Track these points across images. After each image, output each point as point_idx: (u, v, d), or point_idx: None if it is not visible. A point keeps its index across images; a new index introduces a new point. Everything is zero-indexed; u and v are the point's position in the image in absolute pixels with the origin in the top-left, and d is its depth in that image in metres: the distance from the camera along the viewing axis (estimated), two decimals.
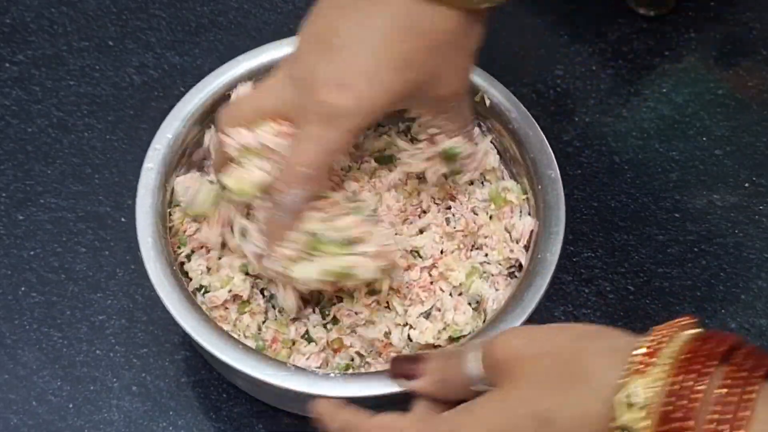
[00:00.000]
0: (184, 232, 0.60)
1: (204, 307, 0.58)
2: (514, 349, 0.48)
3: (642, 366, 0.43)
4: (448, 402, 0.52)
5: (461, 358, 0.51)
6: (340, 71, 0.52)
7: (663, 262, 0.69)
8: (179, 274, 0.58)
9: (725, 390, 0.42)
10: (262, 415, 0.63)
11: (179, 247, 0.60)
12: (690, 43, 0.79)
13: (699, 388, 0.42)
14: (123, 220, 0.69)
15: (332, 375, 0.54)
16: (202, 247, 0.61)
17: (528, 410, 0.45)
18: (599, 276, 0.68)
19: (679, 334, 0.44)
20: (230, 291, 0.59)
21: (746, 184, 0.72)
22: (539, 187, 0.60)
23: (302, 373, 0.54)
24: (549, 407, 0.45)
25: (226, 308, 0.60)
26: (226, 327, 0.58)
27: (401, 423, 0.50)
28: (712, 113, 0.76)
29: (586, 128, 0.75)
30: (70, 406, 0.63)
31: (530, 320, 0.67)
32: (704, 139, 0.74)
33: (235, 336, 0.57)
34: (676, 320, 0.46)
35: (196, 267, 0.60)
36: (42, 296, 0.67)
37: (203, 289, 0.59)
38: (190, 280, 0.60)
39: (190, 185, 0.60)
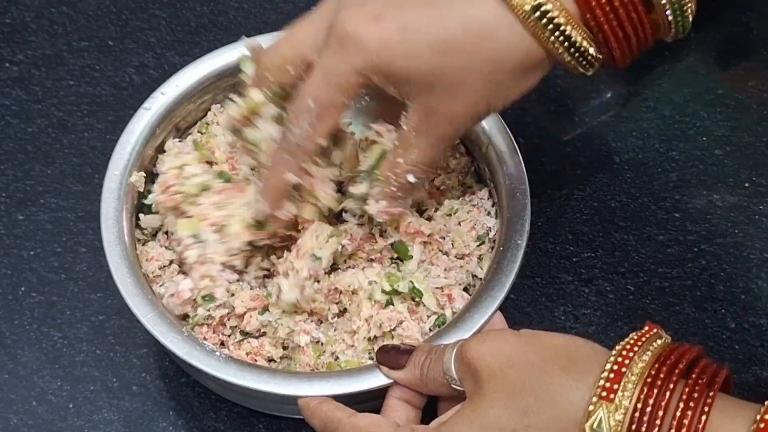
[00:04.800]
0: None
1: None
2: (484, 354, 0.48)
3: (607, 392, 0.44)
4: (424, 396, 0.53)
5: (442, 355, 0.51)
6: (380, 6, 0.49)
7: (663, 262, 0.69)
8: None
9: (680, 412, 0.43)
10: (262, 415, 0.62)
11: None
12: (690, 43, 0.79)
13: (659, 413, 0.43)
14: None
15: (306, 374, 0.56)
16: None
17: None
18: (599, 276, 0.68)
19: (642, 354, 0.45)
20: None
21: (746, 184, 0.72)
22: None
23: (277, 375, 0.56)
24: (515, 429, 0.45)
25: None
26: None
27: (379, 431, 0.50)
28: (712, 113, 0.75)
29: (586, 128, 0.75)
30: (70, 406, 0.63)
31: (528, 316, 0.67)
32: (704, 139, 0.74)
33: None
34: (640, 334, 0.46)
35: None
36: (42, 296, 0.67)
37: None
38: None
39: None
